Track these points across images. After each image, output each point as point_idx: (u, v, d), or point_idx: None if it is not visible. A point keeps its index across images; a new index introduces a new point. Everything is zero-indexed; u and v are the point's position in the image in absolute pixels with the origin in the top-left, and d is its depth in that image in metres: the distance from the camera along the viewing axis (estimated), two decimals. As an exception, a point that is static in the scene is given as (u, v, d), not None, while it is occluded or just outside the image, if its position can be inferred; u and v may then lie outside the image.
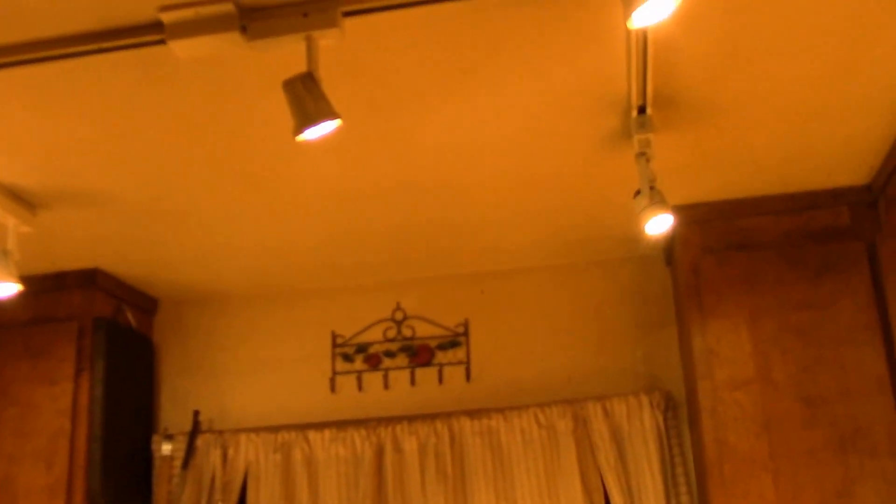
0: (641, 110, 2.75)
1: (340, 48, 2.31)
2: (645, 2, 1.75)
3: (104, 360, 3.81)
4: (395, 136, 2.87)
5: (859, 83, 2.69)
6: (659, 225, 2.86)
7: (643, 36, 2.35)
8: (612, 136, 2.94)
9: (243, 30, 2.23)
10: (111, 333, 3.87)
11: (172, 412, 4.22)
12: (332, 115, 2.15)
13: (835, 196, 3.44)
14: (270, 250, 3.81)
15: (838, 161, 3.21)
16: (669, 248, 3.81)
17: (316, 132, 2.18)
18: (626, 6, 1.81)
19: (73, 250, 3.72)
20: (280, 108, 2.23)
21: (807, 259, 3.36)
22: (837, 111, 2.85)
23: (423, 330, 4.12)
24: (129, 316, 4.11)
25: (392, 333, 4.14)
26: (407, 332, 4.13)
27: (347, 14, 2.23)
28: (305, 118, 2.14)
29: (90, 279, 3.89)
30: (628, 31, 2.33)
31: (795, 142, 3.04)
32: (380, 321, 4.17)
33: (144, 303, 4.27)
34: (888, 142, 3.07)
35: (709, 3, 2.27)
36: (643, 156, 2.83)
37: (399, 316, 4.16)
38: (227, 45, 2.25)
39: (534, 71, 2.53)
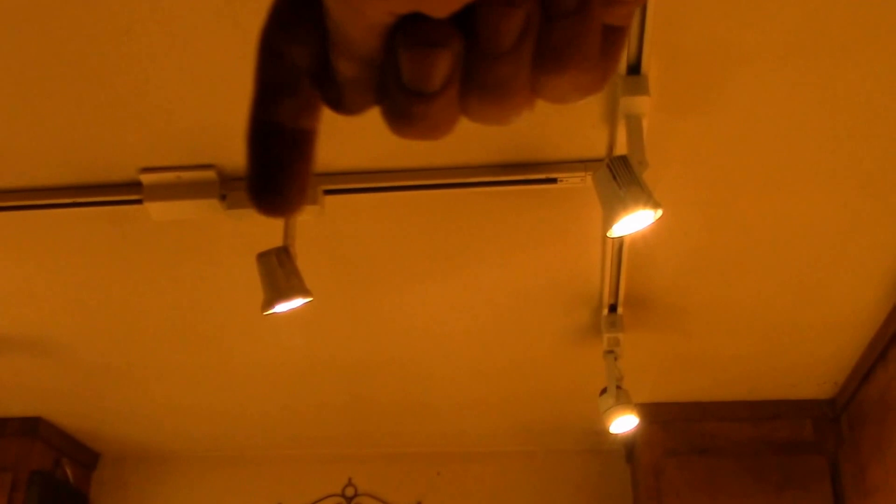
0: (613, 309, 2.75)
1: (319, 222, 2.31)
2: (625, 216, 1.77)
3: (34, 516, 3.61)
4: (364, 313, 2.84)
5: (826, 303, 2.72)
6: (623, 425, 2.81)
7: (620, 240, 2.37)
8: (582, 331, 2.93)
9: (223, 198, 2.23)
10: (46, 488, 3.68)
11: (99, 576, 3.98)
12: (303, 292, 2.12)
13: (799, 408, 3.42)
14: (221, 414, 3.70)
15: (803, 374, 3.22)
16: (631, 445, 3.74)
17: (285, 307, 2.15)
18: (606, 216, 1.82)
19: (16, 397, 3.58)
20: (248, 275, 2.21)
21: (769, 471, 3.30)
22: (804, 328, 2.87)
23: (372, 509, 3.97)
24: (68, 470, 3.92)
25: (340, 510, 3.98)
26: (356, 510, 3.97)
27: (329, 192, 2.23)
28: (276, 293, 2.10)
29: (32, 428, 3.74)
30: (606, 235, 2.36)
31: (762, 352, 3.05)
32: (329, 496, 4.01)
33: (85, 457, 4.09)
34: (852, 360, 3.09)
35: (686, 218, 2.31)
36: (611, 354, 2.81)
37: (350, 492, 4.01)
38: (204, 211, 2.24)
39: (508, 263, 2.54)
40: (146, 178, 2.21)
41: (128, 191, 2.25)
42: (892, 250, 2.46)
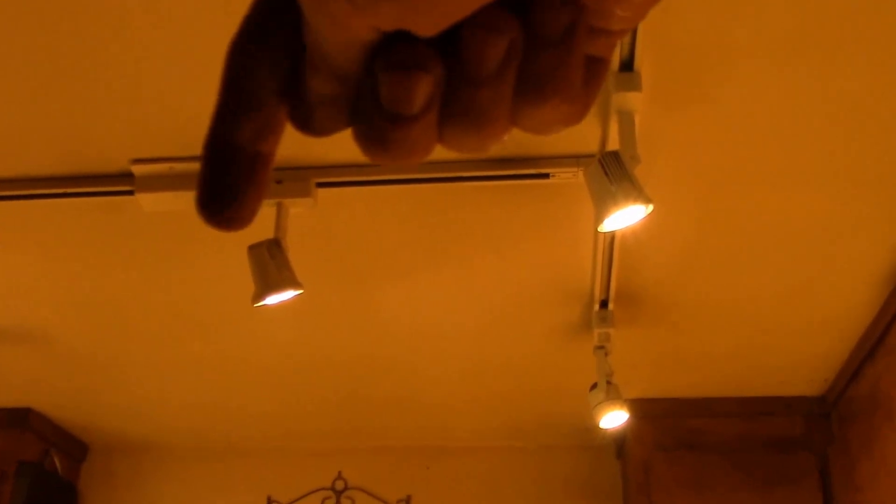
0: (604, 304, 2.75)
1: (311, 215, 2.31)
2: (616, 211, 1.77)
3: (23, 507, 3.60)
4: (356, 308, 2.84)
5: (816, 300, 2.73)
6: (613, 420, 2.82)
7: (611, 236, 2.37)
8: (572, 327, 2.93)
9: (214, 190, 2.22)
10: (35, 479, 3.67)
11: (88, 568, 3.97)
12: (294, 284, 2.12)
13: (788, 405, 3.43)
14: (211, 407, 3.69)
15: (793, 371, 3.22)
16: (621, 440, 3.75)
17: (275, 300, 2.14)
18: (597, 211, 1.82)
19: (6, 387, 3.57)
20: (240, 267, 2.20)
21: (758, 467, 3.31)
22: (794, 324, 2.88)
23: (363, 502, 3.97)
24: (57, 461, 3.91)
25: (331, 503, 3.98)
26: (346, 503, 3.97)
27: (321, 185, 2.23)
28: (266, 285, 2.10)
29: (22, 419, 3.73)
30: (597, 230, 2.36)
31: (752, 349, 3.06)
32: (319, 489, 4.01)
33: (74, 448, 4.08)
34: (842, 357, 3.10)
35: (677, 214, 2.32)
36: (602, 349, 2.82)
37: (340, 486, 4.01)
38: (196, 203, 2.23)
39: (499, 257, 2.54)
40: (138, 170, 2.20)
41: (119, 182, 2.24)
42: (883, 248, 2.47)
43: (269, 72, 0.33)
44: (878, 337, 2.82)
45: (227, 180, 0.34)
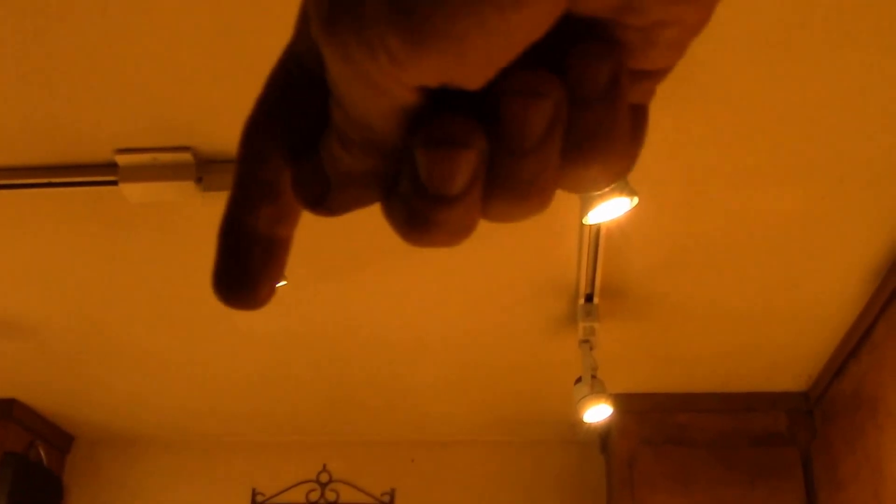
0: (589, 298, 2.76)
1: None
2: (600, 203, 1.77)
3: (7, 498, 3.59)
4: (340, 299, 2.83)
5: (801, 296, 2.74)
6: (597, 414, 2.83)
7: (596, 229, 2.37)
8: (558, 320, 2.94)
9: (199, 180, 2.22)
10: (19, 469, 3.66)
11: (72, 559, 3.96)
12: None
13: (772, 400, 3.44)
14: (196, 399, 3.69)
15: (778, 367, 3.24)
16: (605, 435, 3.76)
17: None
18: (582, 204, 1.82)
19: (-9, 378, 3.56)
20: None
21: (742, 462, 3.33)
22: (779, 320, 2.89)
23: (348, 495, 3.97)
24: (42, 452, 3.90)
25: (315, 496, 3.97)
26: (331, 496, 3.97)
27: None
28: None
29: (7, 410, 3.72)
30: (582, 223, 2.36)
31: (737, 344, 3.06)
32: (304, 482, 4.01)
33: (59, 440, 4.07)
34: (826, 354, 3.11)
35: (663, 208, 2.32)
36: (587, 343, 2.82)
37: (324, 478, 4.01)
38: (180, 194, 2.23)
39: (486, 250, 2.54)
40: (122, 160, 2.19)
41: (103, 172, 2.23)
42: (867, 244, 2.48)
43: (285, 157, 0.32)
44: (861, 334, 2.83)
45: (243, 265, 0.34)
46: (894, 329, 2.60)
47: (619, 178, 0.31)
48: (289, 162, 0.32)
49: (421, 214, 0.29)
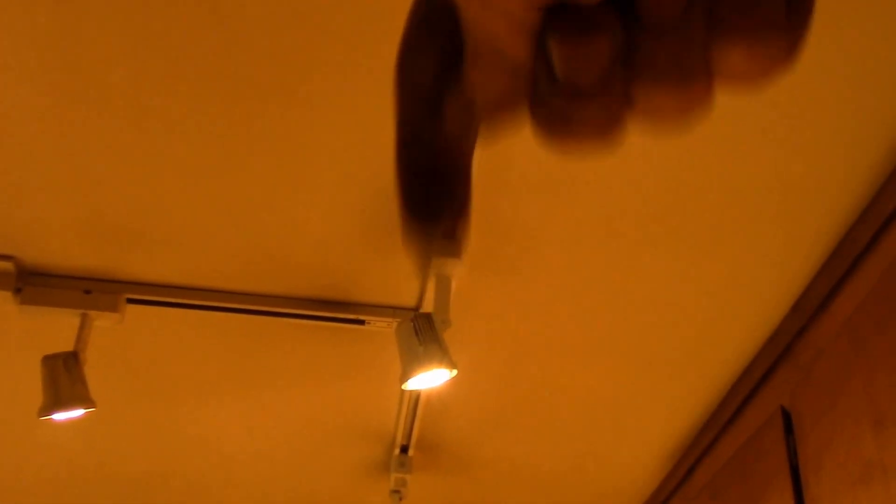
0: (404, 450, 2.77)
1: (116, 331, 2.24)
2: (421, 372, 1.82)
3: None
4: (153, 425, 2.73)
5: (607, 466, 2.85)
6: (398, 567, 2.81)
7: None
8: (373, 466, 2.93)
9: (17, 291, 2.13)
10: None
11: None
12: (86, 402, 2.04)
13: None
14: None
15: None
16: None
17: (63, 416, 2.05)
18: (403, 369, 1.86)
19: None
20: (33, 375, 2.10)
21: None
22: (587, 485, 2.98)
23: None
24: None
25: None
26: None
27: (132, 301, 2.18)
28: (56, 400, 2.01)
29: None
30: (404, 380, 2.41)
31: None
32: None
33: None
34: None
35: (484, 375, 2.40)
36: (397, 493, 2.82)
37: None
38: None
39: (309, 392, 2.54)
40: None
41: None
42: (665, 427, 2.62)
43: (435, 78, 0.31)
44: (657, 509, 2.95)
45: (437, 186, 0.32)
46: (687, 509, 2.74)
47: (777, 68, 0.27)
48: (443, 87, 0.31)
49: (560, 112, 0.27)
